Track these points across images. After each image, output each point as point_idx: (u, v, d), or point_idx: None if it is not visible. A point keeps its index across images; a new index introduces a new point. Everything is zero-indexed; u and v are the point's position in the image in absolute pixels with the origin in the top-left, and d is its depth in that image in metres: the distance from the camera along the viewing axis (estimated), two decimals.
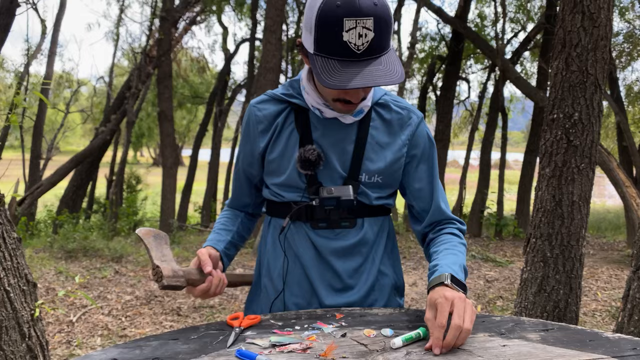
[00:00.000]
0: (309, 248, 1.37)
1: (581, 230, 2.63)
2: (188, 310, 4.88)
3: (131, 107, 9.96)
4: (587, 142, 2.61)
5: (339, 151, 1.33)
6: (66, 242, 7.10)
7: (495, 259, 7.34)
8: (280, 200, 1.39)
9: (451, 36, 10.99)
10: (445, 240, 1.36)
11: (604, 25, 2.59)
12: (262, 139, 1.38)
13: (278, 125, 1.36)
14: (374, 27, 1.09)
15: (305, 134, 1.33)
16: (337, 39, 1.10)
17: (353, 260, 1.38)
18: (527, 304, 2.71)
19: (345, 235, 1.37)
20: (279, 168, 1.36)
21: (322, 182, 1.34)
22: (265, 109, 1.38)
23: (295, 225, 1.38)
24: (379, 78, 1.11)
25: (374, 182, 1.36)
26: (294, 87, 1.38)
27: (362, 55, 1.12)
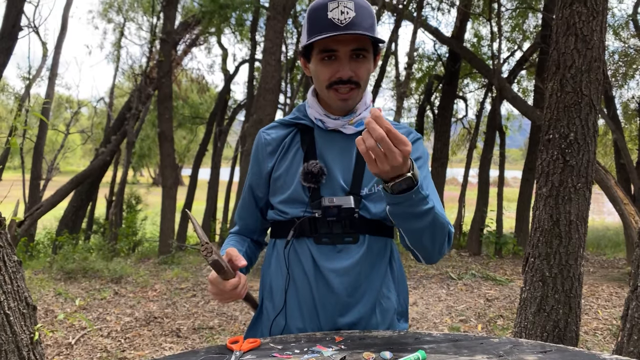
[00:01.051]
0: (311, 266, 1.39)
1: (579, 249, 2.65)
2: (188, 331, 4.86)
3: (131, 127, 10.01)
4: (583, 162, 2.64)
5: (342, 164, 1.40)
6: (65, 263, 7.08)
7: (496, 277, 7.32)
8: (284, 218, 1.42)
9: (448, 56, 11.11)
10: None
11: (597, 47, 2.64)
12: (269, 160, 1.45)
13: (285, 146, 1.45)
14: (355, 8, 1.26)
15: (310, 149, 1.41)
16: (323, 19, 1.26)
17: (353, 278, 1.38)
18: (527, 324, 2.71)
19: (348, 253, 1.38)
20: (284, 184, 1.42)
21: (324, 195, 1.38)
22: (273, 133, 1.48)
23: (298, 242, 1.41)
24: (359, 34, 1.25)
25: (375, 193, 1.39)
26: (301, 110, 1.48)
27: (346, 28, 1.26)
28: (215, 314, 5.39)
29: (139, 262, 8.71)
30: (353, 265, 1.39)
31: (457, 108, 13.50)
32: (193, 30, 11.82)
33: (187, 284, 6.76)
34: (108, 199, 11.28)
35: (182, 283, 6.83)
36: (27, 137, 11.30)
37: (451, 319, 5.39)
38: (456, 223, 10.98)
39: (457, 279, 7.24)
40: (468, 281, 7.14)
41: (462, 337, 1.32)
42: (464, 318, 5.39)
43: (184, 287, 6.59)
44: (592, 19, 2.62)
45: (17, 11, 6.50)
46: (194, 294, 6.28)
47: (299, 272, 1.41)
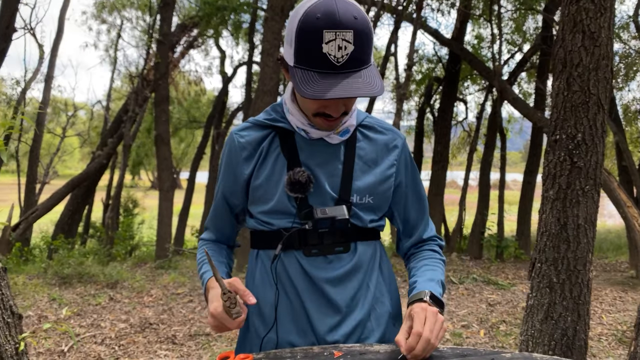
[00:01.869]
0: (302, 277, 1.31)
1: (588, 254, 2.55)
2: (183, 338, 4.75)
3: (128, 130, 9.91)
4: (591, 164, 2.54)
5: (328, 172, 1.30)
6: (61, 268, 6.96)
7: (497, 281, 7.22)
8: (269, 229, 1.32)
9: (448, 58, 11.03)
10: (425, 256, 1.40)
11: (605, 45, 2.55)
12: (246, 166, 1.33)
13: (263, 151, 1.32)
14: (353, 40, 1.09)
15: (292, 157, 1.30)
16: (316, 51, 1.09)
17: (349, 287, 1.32)
18: (534, 332, 2.60)
19: (340, 262, 1.31)
20: (265, 194, 1.31)
21: (313, 205, 1.28)
22: (248, 135, 1.34)
23: (286, 255, 1.31)
24: (358, 90, 1.10)
25: (366, 203, 1.32)
26: (277, 111, 1.35)
27: (342, 67, 1.11)
28: None
29: (136, 266, 8.60)
30: (347, 273, 1.32)
31: (457, 111, 13.41)
32: (191, 32, 11.74)
33: (183, 289, 6.65)
34: (105, 203, 11.17)
35: (178, 288, 6.72)
36: (22, 140, 11.20)
37: (453, 324, 5.28)
38: (457, 227, 10.88)
39: (458, 284, 7.14)
40: (469, 285, 7.04)
41: (471, 351, 1.22)
42: (465, 323, 5.28)
43: (180, 292, 6.48)
44: (599, 16, 2.52)
45: (11, 12, 6.41)
46: (190, 299, 6.17)
47: (289, 286, 1.32)
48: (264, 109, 4.53)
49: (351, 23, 1.08)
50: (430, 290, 1.22)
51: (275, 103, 1.38)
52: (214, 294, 1.22)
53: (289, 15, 1.19)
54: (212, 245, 1.46)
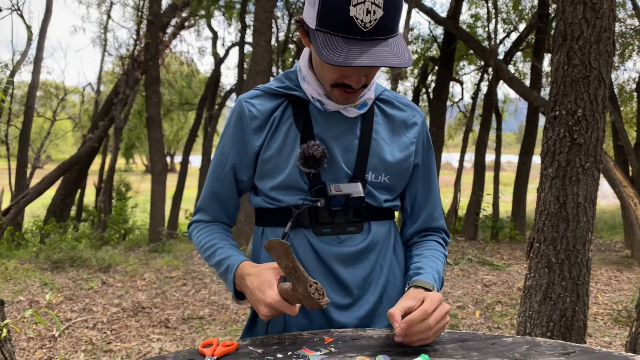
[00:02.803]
0: (312, 257, 1.23)
1: (588, 233, 2.48)
2: (177, 322, 4.70)
3: (119, 113, 9.76)
4: (592, 140, 2.47)
5: (343, 147, 1.21)
6: (53, 253, 6.89)
7: (493, 262, 7.20)
8: (276, 206, 1.24)
9: (443, 37, 10.89)
10: (431, 246, 1.31)
11: (607, 17, 2.45)
12: (257, 138, 1.23)
13: (275, 121, 1.22)
14: (384, 5, 0.99)
15: (307, 129, 1.20)
16: (343, 14, 0.99)
17: (361, 268, 1.25)
18: (532, 314, 2.55)
19: (352, 242, 1.23)
20: (276, 168, 1.22)
21: (326, 182, 1.20)
22: (259, 104, 1.24)
23: (295, 233, 1.23)
24: (385, 59, 0.99)
25: (382, 182, 1.24)
26: (291, 78, 1.25)
27: (369, 34, 1.00)
28: (206, 304, 5.23)
29: (129, 250, 8.53)
30: (359, 254, 1.24)
31: (454, 92, 13.30)
32: (182, 13, 11.51)
33: (177, 273, 6.59)
34: (97, 187, 11.05)
35: (172, 272, 6.66)
36: (12, 124, 11.03)
37: (449, 305, 5.25)
38: (452, 208, 10.86)
39: (453, 265, 7.11)
40: (465, 266, 7.02)
41: (471, 336, 1.15)
42: (461, 305, 5.26)
43: (174, 276, 6.42)
44: None
45: None
46: (184, 282, 6.11)
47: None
48: None
49: None
50: (435, 287, 1.16)
51: (289, 70, 1.28)
52: (263, 281, 1.10)
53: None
54: (214, 227, 1.34)
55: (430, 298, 1.07)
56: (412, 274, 1.21)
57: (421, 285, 1.14)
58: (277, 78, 1.27)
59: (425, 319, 1.03)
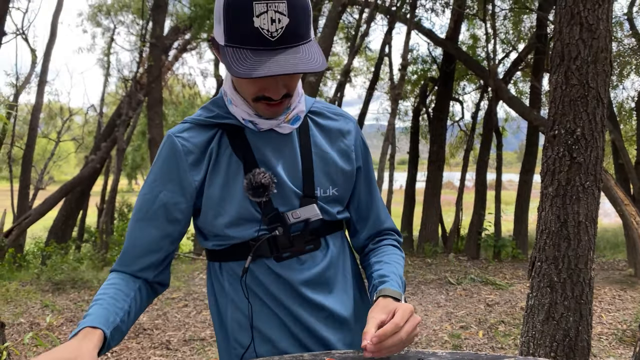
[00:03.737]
0: (279, 285, 1.20)
1: (589, 252, 2.48)
2: (178, 343, 4.67)
3: (122, 134, 9.83)
4: (591, 159, 2.48)
5: (287, 167, 1.18)
6: (54, 274, 6.87)
7: (495, 281, 7.16)
8: (231, 244, 1.19)
9: (442, 58, 11.00)
10: (387, 251, 1.31)
11: (604, 37, 2.49)
12: (195, 173, 1.15)
13: (212, 153, 1.16)
14: (288, 12, 0.97)
15: (247, 156, 1.16)
16: (247, 25, 0.97)
17: (328, 284, 1.24)
18: (535, 333, 2.53)
19: (313, 260, 1.22)
20: (222, 203, 1.16)
21: (278, 207, 1.17)
22: (192, 137, 1.16)
23: (255, 264, 1.19)
24: (295, 65, 0.98)
25: (331, 195, 1.23)
26: (220, 105, 1.20)
27: (277, 43, 0.99)
28: (207, 325, 5.20)
29: None
30: (323, 271, 1.23)
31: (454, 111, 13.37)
32: (184, 36, 11.67)
33: (178, 294, 6.56)
34: (99, 207, 11.08)
35: (173, 293, 6.63)
36: (16, 145, 11.10)
37: (451, 325, 5.21)
38: (454, 227, 10.83)
39: (456, 284, 7.07)
40: (467, 286, 6.98)
41: (473, 356, 1.15)
42: (464, 324, 5.22)
43: (175, 297, 6.39)
44: (597, 7, 2.47)
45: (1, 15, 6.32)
46: (185, 303, 6.08)
47: (267, 295, 1.20)
48: None
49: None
50: (402, 294, 1.15)
51: (215, 97, 1.22)
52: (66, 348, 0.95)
53: None
54: (118, 280, 1.15)
55: (402, 310, 1.06)
56: (377, 283, 1.19)
57: (389, 294, 1.13)
58: (204, 107, 1.22)
59: (397, 331, 1.02)
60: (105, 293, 1.10)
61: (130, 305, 1.12)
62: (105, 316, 1.04)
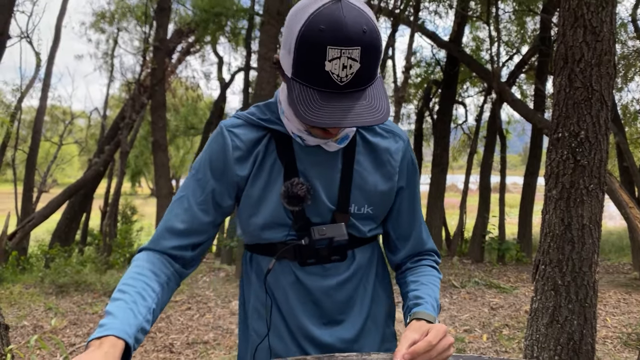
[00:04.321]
0: (297, 288, 1.23)
1: (593, 255, 2.47)
2: (181, 346, 4.66)
3: (125, 137, 9.85)
4: (595, 162, 2.47)
5: (326, 182, 1.19)
6: (57, 277, 6.89)
7: (499, 285, 7.13)
8: (262, 242, 1.23)
9: (446, 60, 10.99)
10: (426, 272, 1.30)
11: (607, 39, 2.48)
12: (239, 168, 1.19)
13: (259, 155, 1.19)
14: (360, 58, 0.96)
15: (290, 165, 1.18)
16: (318, 68, 0.96)
17: (344, 294, 1.25)
18: (539, 337, 2.52)
19: (337, 270, 1.23)
20: (259, 204, 1.19)
21: (310, 217, 1.19)
22: (242, 134, 1.19)
23: (279, 264, 1.22)
24: (360, 117, 0.97)
25: (365, 213, 1.23)
26: (272, 110, 1.21)
27: (345, 87, 0.98)
28: (211, 328, 5.20)
29: None
30: (344, 282, 1.24)
31: (457, 114, 13.35)
32: (187, 39, 11.70)
33: (182, 297, 6.56)
34: (102, 210, 11.10)
35: (176, 296, 6.63)
36: (20, 148, 11.14)
37: (455, 329, 5.19)
38: (457, 230, 10.80)
39: (460, 287, 7.05)
40: (471, 289, 6.95)
41: (476, 359, 1.14)
42: (468, 328, 5.20)
43: (178, 300, 6.39)
44: (601, 10, 2.46)
45: (6, 18, 6.35)
46: (188, 306, 6.08)
47: (282, 297, 1.24)
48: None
49: (359, 38, 0.95)
50: (436, 318, 1.16)
51: (270, 100, 1.23)
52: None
53: (285, 19, 1.04)
54: (151, 265, 1.13)
55: (436, 329, 1.06)
56: (412, 305, 1.20)
57: (422, 317, 1.13)
58: (258, 107, 1.23)
59: (429, 350, 1.03)
60: (132, 286, 1.06)
61: (157, 303, 1.09)
62: (130, 321, 1.00)
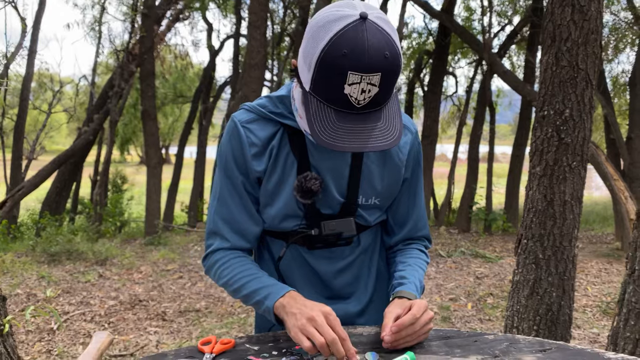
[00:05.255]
0: (305, 270, 1.32)
1: (574, 230, 2.56)
2: (173, 314, 4.77)
3: (114, 106, 9.76)
4: (578, 140, 2.54)
5: (336, 175, 1.25)
6: (49, 246, 6.93)
7: (485, 254, 7.29)
8: (274, 229, 1.31)
9: (438, 30, 10.92)
10: (414, 254, 1.37)
11: (595, 19, 2.51)
12: (256, 163, 1.24)
13: (274, 149, 1.24)
14: (380, 83, 0.99)
15: (303, 159, 1.23)
16: (337, 90, 0.99)
17: (349, 274, 1.34)
18: (520, 308, 2.63)
19: (342, 253, 1.32)
20: (273, 196, 1.26)
21: (320, 209, 1.26)
22: (256, 130, 1.24)
23: (290, 248, 1.31)
24: (375, 141, 1.01)
25: (372, 204, 1.29)
26: (285, 104, 1.24)
27: (362, 108, 1.01)
28: (202, 296, 5.31)
29: (125, 243, 8.58)
30: (350, 264, 1.34)
31: (447, 85, 13.35)
32: (176, 5, 11.48)
33: (173, 266, 6.65)
34: (92, 179, 11.07)
35: (168, 264, 6.72)
36: (7, 116, 11.01)
37: (441, 297, 5.34)
38: (445, 200, 10.94)
39: (446, 257, 7.20)
40: (457, 259, 7.11)
41: (454, 333, 1.22)
42: (453, 296, 5.35)
43: (170, 269, 6.48)
44: None
45: None
46: (180, 275, 6.18)
47: (292, 277, 1.33)
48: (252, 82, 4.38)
49: (381, 65, 0.97)
50: (417, 297, 1.24)
51: (283, 94, 1.25)
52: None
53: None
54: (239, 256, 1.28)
55: (417, 304, 1.14)
56: (396, 284, 1.27)
57: (404, 296, 1.21)
58: (270, 99, 1.26)
59: (413, 323, 1.10)
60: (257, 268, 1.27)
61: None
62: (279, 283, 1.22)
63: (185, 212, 12.67)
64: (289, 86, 1.25)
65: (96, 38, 11.36)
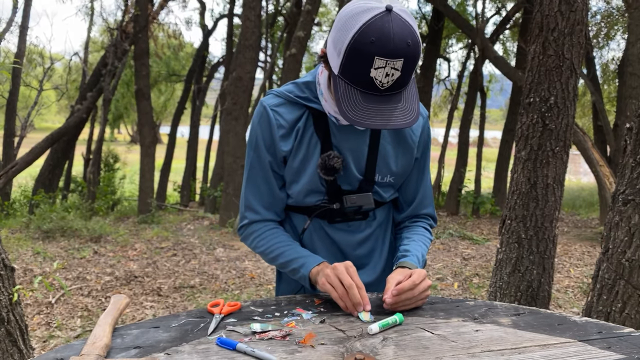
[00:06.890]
0: (326, 242, 1.47)
1: (555, 212, 2.70)
2: (168, 290, 4.89)
3: (107, 84, 9.76)
4: (562, 126, 2.66)
5: (355, 154, 1.38)
6: (43, 223, 7.01)
7: (472, 236, 7.47)
8: (298, 205, 1.44)
9: (431, 15, 10.97)
10: (419, 231, 1.52)
11: (581, 10, 2.62)
12: (283, 144, 1.37)
13: (299, 131, 1.37)
14: (402, 68, 1.11)
15: (326, 139, 1.37)
16: (364, 74, 1.11)
17: (366, 247, 1.49)
18: (502, 284, 2.78)
19: (359, 227, 1.47)
20: (298, 173, 1.39)
21: (341, 185, 1.40)
22: (284, 113, 1.37)
23: (312, 221, 1.45)
24: (396, 119, 1.14)
25: (387, 182, 1.43)
26: (311, 89, 1.37)
27: (385, 90, 1.14)
28: (196, 273, 5.43)
29: (119, 221, 8.67)
30: (367, 237, 1.48)
31: (440, 69, 13.41)
32: None
33: (167, 243, 6.76)
34: (85, 157, 11.10)
35: (162, 242, 6.83)
36: None
37: (428, 277, 5.49)
38: (435, 183, 11.11)
39: (434, 238, 7.38)
40: (445, 240, 7.28)
41: (439, 300, 1.35)
42: (440, 276, 5.52)
43: (164, 247, 6.60)
44: None
45: None
46: (174, 253, 6.30)
47: (313, 248, 1.47)
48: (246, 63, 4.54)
49: (404, 51, 1.08)
50: (418, 268, 1.36)
51: (309, 80, 1.38)
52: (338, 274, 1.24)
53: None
54: (273, 227, 1.45)
55: (417, 273, 1.27)
56: (400, 256, 1.41)
57: (406, 266, 1.35)
58: (297, 85, 1.39)
59: (412, 288, 1.23)
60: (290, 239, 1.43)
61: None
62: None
63: (178, 192, 12.74)
64: (314, 73, 1.38)
65: (88, 14, 11.28)
